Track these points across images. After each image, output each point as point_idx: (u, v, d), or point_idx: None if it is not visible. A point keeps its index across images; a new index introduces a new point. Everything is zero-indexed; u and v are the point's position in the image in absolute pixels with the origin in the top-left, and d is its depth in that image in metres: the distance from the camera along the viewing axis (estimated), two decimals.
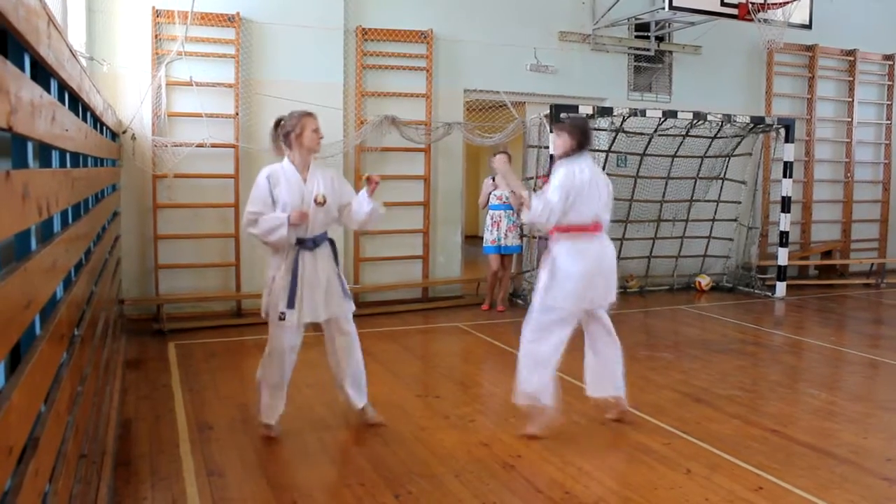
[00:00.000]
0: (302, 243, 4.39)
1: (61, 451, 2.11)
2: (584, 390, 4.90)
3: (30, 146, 1.94)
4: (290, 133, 4.43)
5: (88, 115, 3.94)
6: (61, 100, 2.68)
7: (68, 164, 2.78)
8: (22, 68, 1.82)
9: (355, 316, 4.66)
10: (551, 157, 8.43)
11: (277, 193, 4.35)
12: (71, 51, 2.88)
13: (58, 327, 2.14)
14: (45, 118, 1.95)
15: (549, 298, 4.55)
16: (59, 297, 2.40)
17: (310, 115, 4.52)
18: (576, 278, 4.49)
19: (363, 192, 4.55)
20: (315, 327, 4.63)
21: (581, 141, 4.59)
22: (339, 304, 4.53)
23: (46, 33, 2.03)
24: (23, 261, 1.74)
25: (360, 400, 4.71)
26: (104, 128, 5.24)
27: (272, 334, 4.45)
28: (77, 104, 3.28)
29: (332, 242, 4.55)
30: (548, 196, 4.50)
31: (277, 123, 4.52)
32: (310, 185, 4.42)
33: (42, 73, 2.19)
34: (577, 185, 4.47)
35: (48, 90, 2.29)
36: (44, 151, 2.23)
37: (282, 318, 4.34)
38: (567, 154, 4.61)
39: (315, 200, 4.39)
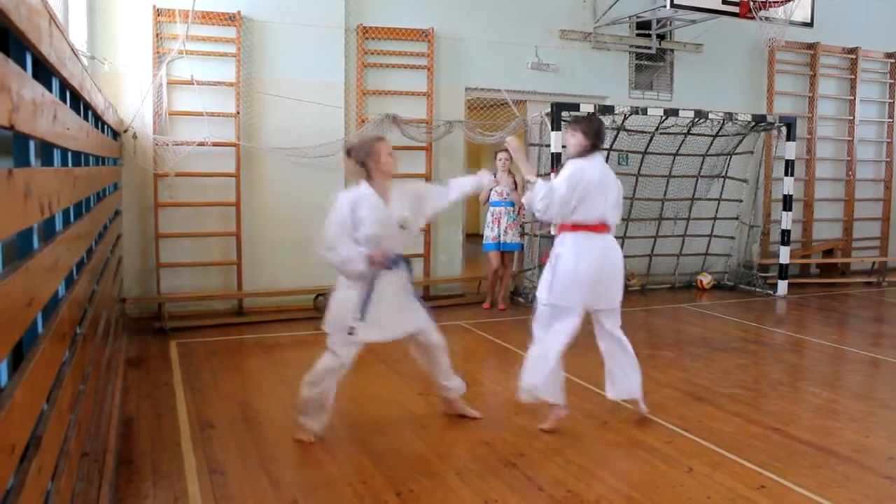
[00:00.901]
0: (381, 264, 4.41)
1: (63, 450, 2.11)
2: (588, 390, 4.90)
3: (31, 145, 1.94)
4: (367, 161, 4.41)
5: (90, 113, 3.94)
6: (63, 98, 2.68)
7: (70, 163, 2.78)
8: (24, 67, 1.82)
9: None
10: (553, 154, 8.44)
11: (360, 217, 4.31)
12: (72, 49, 2.88)
13: (60, 326, 2.14)
14: (46, 117, 1.95)
15: (551, 296, 4.56)
16: (60, 296, 2.40)
17: (381, 139, 4.54)
18: (578, 276, 4.50)
19: (454, 181, 4.64)
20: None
21: (594, 141, 4.62)
22: (419, 317, 4.59)
23: (48, 32, 2.03)
24: (25, 259, 1.74)
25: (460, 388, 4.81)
26: (105, 126, 5.24)
27: (334, 350, 4.41)
28: (78, 103, 3.28)
29: (407, 262, 4.56)
30: (553, 184, 4.51)
31: (349, 152, 4.51)
32: (392, 208, 4.41)
33: (44, 72, 2.19)
34: (585, 182, 4.48)
35: (50, 89, 2.29)
36: (45, 150, 2.23)
37: (350, 332, 4.32)
38: (580, 153, 4.62)
39: (399, 225, 4.40)
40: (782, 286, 10.01)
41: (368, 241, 4.30)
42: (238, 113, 8.26)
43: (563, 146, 8.55)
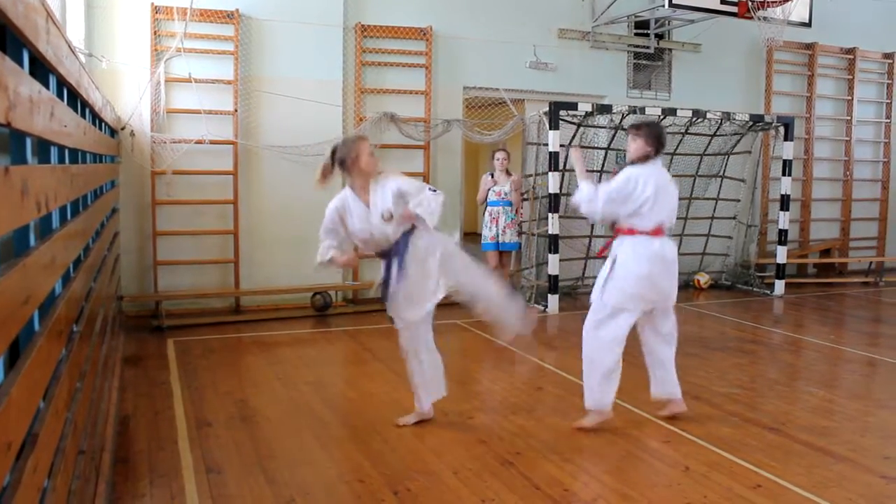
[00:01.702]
0: (386, 255, 4.46)
1: (60, 448, 2.11)
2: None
3: (28, 142, 1.94)
4: (346, 160, 4.43)
5: (87, 111, 3.94)
6: (60, 96, 2.68)
7: (67, 161, 2.78)
8: (21, 64, 1.82)
9: (353, 313, 4.67)
10: (551, 154, 8.42)
11: (350, 222, 4.44)
12: (70, 47, 2.88)
13: (56, 323, 2.14)
14: (43, 114, 1.95)
15: (605, 296, 4.59)
16: (57, 294, 2.40)
17: (363, 139, 4.56)
18: (634, 279, 4.54)
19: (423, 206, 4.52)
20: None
21: (656, 148, 4.65)
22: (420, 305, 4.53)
23: (45, 29, 2.03)
24: (22, 257, 1.74)
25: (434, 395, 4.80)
26: (103, 124, 5.24)
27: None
28: (76, 100, 3.28)
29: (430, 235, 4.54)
30: (601, 192, 4.58)
31: (333, 152, 4.51)
32: (372, 207, 4.43)
33: (41, 69, 2.18)
34: (636, 194, 4.51)
35: (47, 86, 2.29)
36: (42, 147, 2.23)
37: (390, 321, 4.57)
38: (640, 159, 4.65)
39: (382, 217, 4.41)
40: (779, 286, 10.02)
41: (361, 241, 4.52)
42: (236, 111, 8.25)
43: (562, 145, 8.59)
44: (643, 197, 4.50)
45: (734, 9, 9.34)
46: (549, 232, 8.54)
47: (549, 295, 8.67)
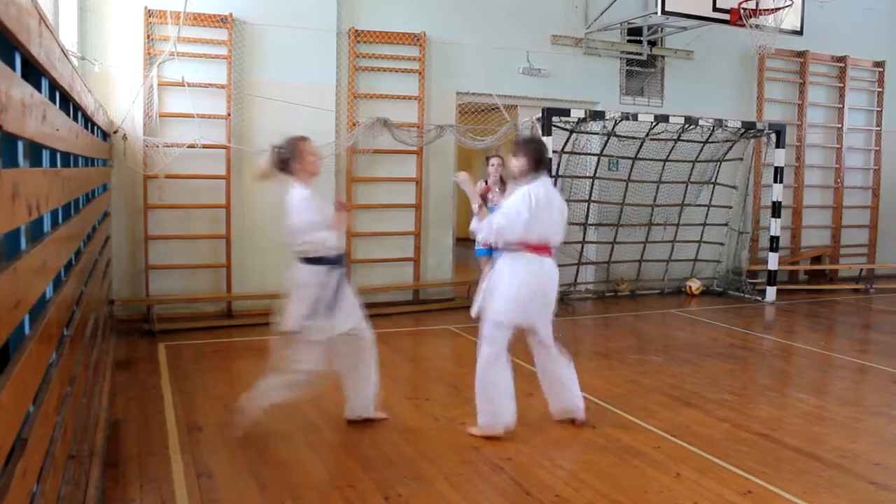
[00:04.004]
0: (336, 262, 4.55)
1: (49, 452, 2.10)
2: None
3: (20, 145, 1.93)
4: (289, 160, 4.44)
5: (79, 114, 3.93)
6: (52, 99, 2.67)
7: (59, 164, 2.77)
8: (13, 67, 1.81)
9: None
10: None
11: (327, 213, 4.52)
12: (62, 50, 2.87)
13: (47, 327, 2.13)
14: (35, 117, 1.95)
15: (490, 310, 4.61)
16: (48, 298, 2.39)
17: (306, 139, 4.56)
18: (514, 293, 4.53)
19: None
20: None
21: (537, 163, 4.61)
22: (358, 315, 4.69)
23: (38, 32, 2.03)
24: (12, 260, 1.73)
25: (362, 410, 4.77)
26: (95, 127, 5.22)
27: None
28: (68, 104, 3.27)
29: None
30: (498, 220, 4.54)
31: (275, 151, 4.53)
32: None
33: (33, 72, 2.18)
34: (525, 218, 4.47)
35: (39, 89, 2.28)
36: (34, 151, 2.23)
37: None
38: (525, 175, 4.62)
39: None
40: (771, 292, 10.05)
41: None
42: (229, 115, 8.24)
43: (555, 151, 8.62)
44: (537, 209, 4.48)
45: (726, 16, 9.39)
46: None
47: None
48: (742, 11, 9.33)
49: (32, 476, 1.80)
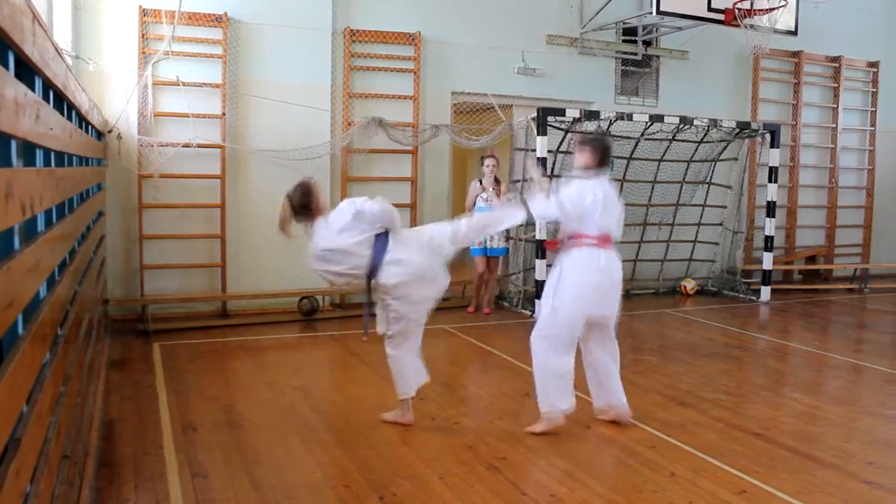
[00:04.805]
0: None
1: (43, 452, 2.09)
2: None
3: (13, 144, 1.92)
4: (310, 205, 4.52)
5: (73, 113, 3.92)
6: (46, 98, 2.66)
7: (53, 163, 2.77)
8: (6, 66, 1.81)
9: (341, 318, 4.66)
10: (539, 159, 8.43)
11: None
12: (56, 49, 2.86)
13: (41, 327, 2.12)
14: (29, 116, 1.94)
15: (555, 303, 4.60)
16: (42, 297, 2.38)
17: (315, 182, 4.65)
18: (579, 287, 4.56)
19: None
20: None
21: (601, 159, 4.68)
22: None
23: (31, 31, 2.02)
24: (6, 260, 1.73)
25: None
26: (89, 127, 5.21)
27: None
28: (62, 103, 3.26)
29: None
30: (552, 204, 4.63)
31: (290, 199, 4.54)
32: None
33: (26, 71, 2.17)
34: (588, 205, 4.54)
35: (32, 88, 2.28)
36: (28, 150, 2.22)
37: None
38: (586, 169, 4.68)
39: None
40: (765, 292, 10.07)
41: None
42: (224, 114, 8.23)
43: (549, 151, 8.62)
44: (593, 205, 4.54)
45: (721, 16, 9.41)
46: (537, 237, 8.56)
47: (536, 300, 8.67)
48: (737, 11, 9.35)
49: (26, 476, 1.80)
